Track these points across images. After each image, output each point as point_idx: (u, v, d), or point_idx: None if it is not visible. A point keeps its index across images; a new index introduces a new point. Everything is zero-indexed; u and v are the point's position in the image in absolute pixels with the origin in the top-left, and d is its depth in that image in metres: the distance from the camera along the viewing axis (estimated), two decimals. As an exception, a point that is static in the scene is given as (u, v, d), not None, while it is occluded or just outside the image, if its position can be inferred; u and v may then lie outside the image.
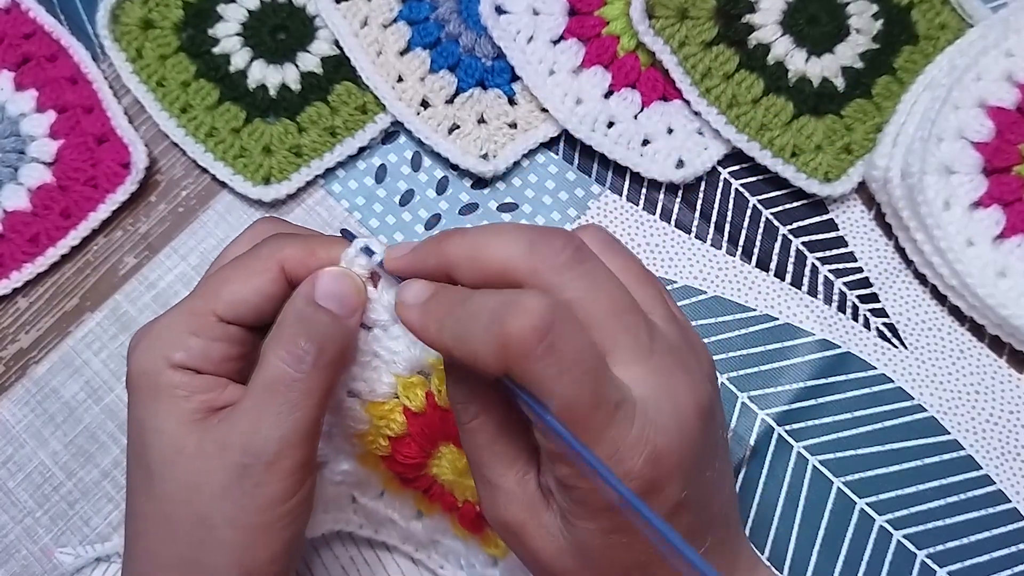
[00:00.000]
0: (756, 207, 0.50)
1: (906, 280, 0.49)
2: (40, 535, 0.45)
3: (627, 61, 0.50)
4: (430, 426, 0.37)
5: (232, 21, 0.51)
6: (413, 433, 0.38)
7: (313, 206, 0.50)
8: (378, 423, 0.38)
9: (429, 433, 0.38)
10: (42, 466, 0.46)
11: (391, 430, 0.38)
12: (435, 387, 0.37)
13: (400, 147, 0.51)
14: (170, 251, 0.49)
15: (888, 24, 0.51)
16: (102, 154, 0.49)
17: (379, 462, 0.40)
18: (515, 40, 0.50)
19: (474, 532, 0.41)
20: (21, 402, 0.47)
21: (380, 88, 0.50)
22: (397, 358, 0.37)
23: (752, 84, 0.49)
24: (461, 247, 0.31)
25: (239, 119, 0.50)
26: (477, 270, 0.30)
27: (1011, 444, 0.46)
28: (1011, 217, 0.46)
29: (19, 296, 0.49)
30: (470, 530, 0.41)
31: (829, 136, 0.49)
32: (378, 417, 0.37)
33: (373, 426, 0.38)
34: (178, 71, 0.50)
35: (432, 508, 0.42)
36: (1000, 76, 0.48)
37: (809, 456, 0.46)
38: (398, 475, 0.40)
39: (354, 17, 0.51)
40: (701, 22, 0.50)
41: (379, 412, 0.37)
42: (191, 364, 0.33)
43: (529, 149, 0.50)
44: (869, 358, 0.47)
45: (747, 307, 0.48)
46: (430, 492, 0.41)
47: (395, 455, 0.38)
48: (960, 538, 0.44)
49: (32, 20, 0.51)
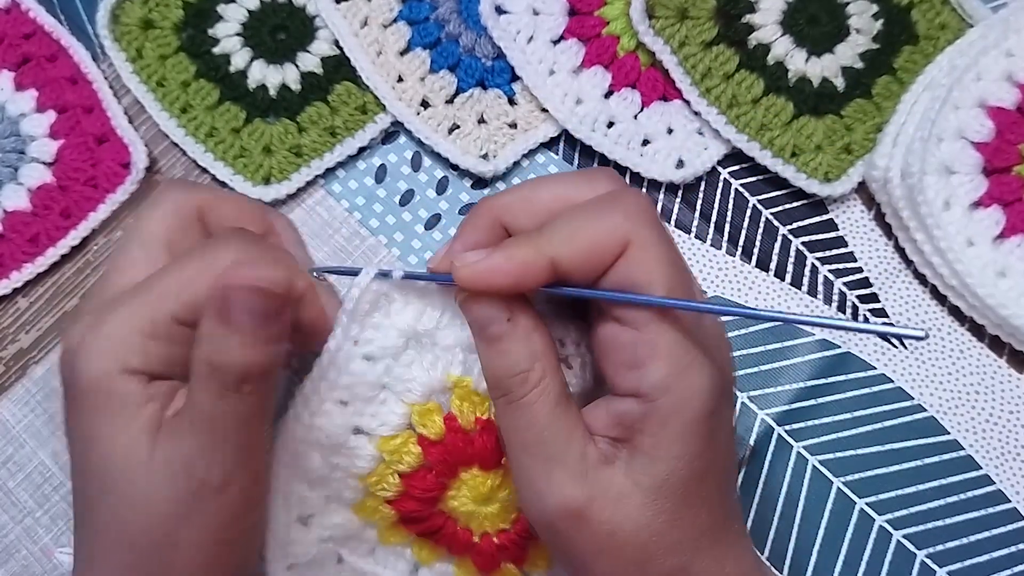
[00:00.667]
0: (756, 207, 0.50)
1: (906, 280, 0.49)
2: (40, 535, 0.45)
3: (627, 61, 0.50)
4: (452, 451, 0.36)
5: (232, 21, 0.51)
6: (432, 462, 0.36)
7: (313, 206, 0.50)
8: (390, 459, 0.36)
9: (450, 459, 0.36)
10: (42, 466, 0.46)
11: (405, 464, 0.36)
12: (456, 408, 0.35)
13: (400, 147, 0.51)
14: (170, 251, 0.49)
15: (888, 24, 0.51)
16: (102, 154, 0.49)
17: (378, 508, 0.37)
18: (515, 40, 0.50)
19: (488, 570, 0.39)
20: (21, 402, 0.47)
21: (380, 88, 0.50)
22: (412, 384, 0.35)
23: (752, 84, 0.49)
24: (511, 196, 0.32)
25: (239, 119, 0.50)
26: (531, 209, 0.32)
27: (1011, 444, 0.46)
28: (1011, 217, 0.46)
29: (19, 296, 0.49)
30: (485, 569, 0.38)
31: (829, 136, 0.49)
32: (390, 452, 0.36)
33: (383, 464, 0.36)
34: (178, 71, 0.50)
35: (434, 555, 0.39)
36: (1000, 76, 0.48)
37: (809, 456, 0.46)
38: (406, 516, 0.37)
39: (354, 17, 0.51)
40: (701, 22, 0.50)
41: (390, 447, 0.36)
42: (147, 369, 0.31)
43: (529, 149, 0.50)
44: (869, 358, 0.47)
45: (747, 307, 0.48)
46: (438, 534, 0.38)
47: (409, 490, 0.36)
48: (960, 538, 0.44)
49: (32, 20, 0.51)
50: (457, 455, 0.36)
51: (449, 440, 0.36)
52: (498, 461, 0.36)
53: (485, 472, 0.36)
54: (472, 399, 0.35)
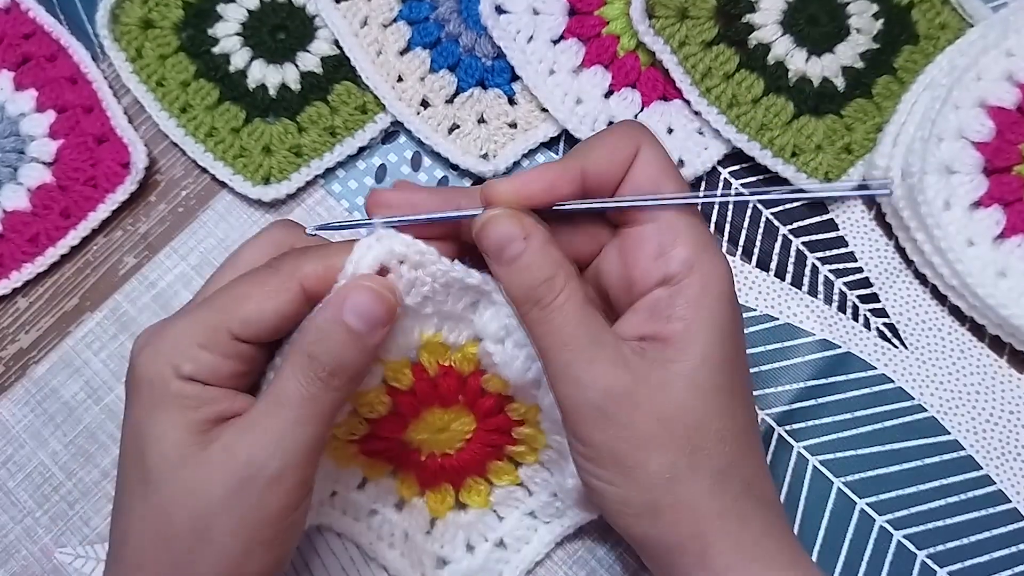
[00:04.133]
0: (756, 207, 0.50)
1: (906, 280, 0.49)
2: (40, 535, 0.45)
3: (627, 61, 0.50)
4: (422, 393, 0.39)
5: (232, 21, 0.51)
6: (399, 408, 0.39)
7: (313, 206, 0.50)
8: (360, 409, 0.38)
9: (418, 402, 0.39)
10: (42, 466, 0.46)
11: (375, 413, 0.39)
12: (424, 360, 0.38)
13: (400, 147, 0.51)
14: (170, 251, 0.49)
15: (888, 24, 0.51)
16: (102, 154, 0.49)
17: (336, 441, 0.40)
18: (515, 40, 0.50)
19: (427, 486, 0.43)
20: (21, 402, 0.47)
21: (380, 88, 0.50)
22: (390, 345, 0.37)
23: (752, 84, 0.49)
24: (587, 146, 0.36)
25: (239, 119, 0.50)
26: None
27: (1011, 444, 0.46)
28: (1011, 217, 0.46)
29: (19, 296, 0.49)
30: (424, 484, 0.43)
31: (829, 136, 0.49)
32: (361, 404, 0.38)
33: (351, 413, 0.39)
34: (178, 71, 0.50)
35: (381, 471, 0.42)
36: (1000, 76, 0.48)
37: (809, 456, 0.46)
38: (366, 452, 0.41)
39: (354, 17, 0.51)
40: (701, 22, 0.50)
41: (363, 400, 0.38)
42: (199, 377, 0.33)
43: (529, 149, 0.50)
44: (869, 358, 0.47)
45: (747, 307, 0.48)
46: (387, 452, 0.42)
47: (376, 432, 0.40)
48: (960, 538, 0.44)
49: (32, 20, 0.51)
50: (423, 399, 0.39)
51: (419, 385, 0.38)
52: (456, 398, 0.40)
53: (444, 408, 0.40)
54: (438, 349, 0.38)
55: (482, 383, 0.39)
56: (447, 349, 0.38)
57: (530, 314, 0.34)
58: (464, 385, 0.39)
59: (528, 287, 0.33)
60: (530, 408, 0.40)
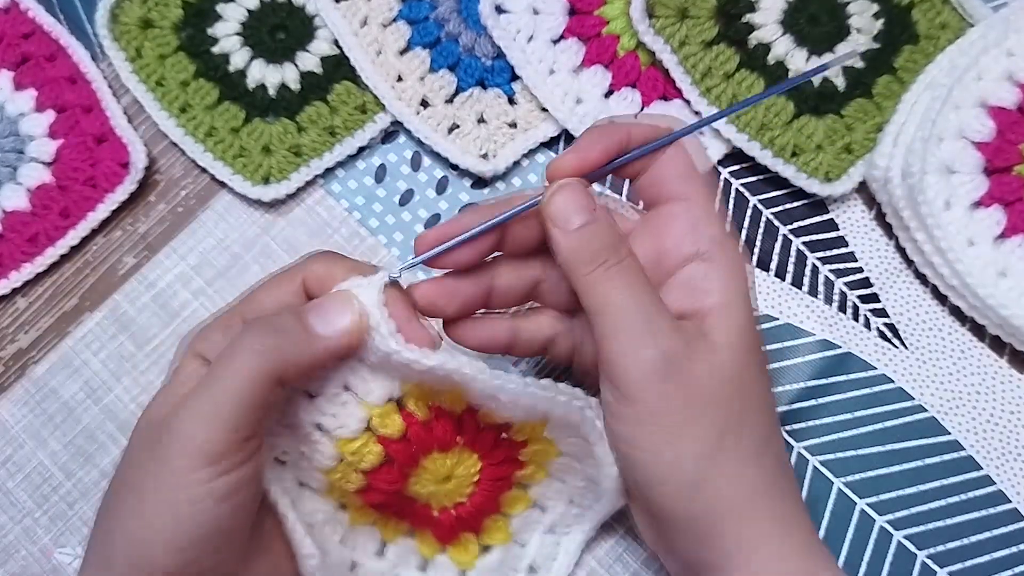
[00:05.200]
0: (756, 207, 0.50)
1: (907, 280, 0.49)
2: (39, 535, 0.45)
3: (627, 61, 0.50)
4: (416, 440, 0.37)
5: (231, 21, 0.51)
6: (394, 457, 0.37)
7: (313, 206, 0.50)
8: (351, 459, 0.37)
9: (413, 451, 0.37)
10: (41, 466, 0.46)
11: (367, 463, 0.37)
12: (411, 406, 0.36)
13: (400, 147, 0.51)
14: (169, 251, 0.49)
15: (889, 24, 0.51)
16: (101, 154, 0.49)
17: (345, 494, 0.38)
18: (515, 39, 0.50)
19: (447, 542, 0.41)
20: (20, 402, 0.47)
21: (380, 88, 0.50)
22: (373, 386, 0.36)
23: (752, 84, 0.49)
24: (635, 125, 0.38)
25: (238, 119, 0.50)
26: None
27: (1012, 444, 0.46)
28: (1012, 217, 0.46)
29: (18, 296, 0.48)
30: (444, 540, 0.41)
31: (829, 136, 0.49)
32: (351, 453, 0.36)
33: (344, 463, 0.37)
34: (177, 71, 0.50)
35: (397, 532, 0.41)
36: (1001, 76, 0.48)
37: (809, 456, 0.46)
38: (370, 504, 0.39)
39: (354, 16, 0.51)
40: (701, 21, 0.50)
41: (351, 448, 0.36)
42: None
43: (529, 149, 0.50)
44: (870, 358, 0.47)
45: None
46: (400, 512, 0.40)
47: (373, 484, 0.37)
48: (961, 539, 0.44)
49: (31, 20, 0.51)
50: (420, 445, 0.37)
51: (413, 432, 0.37)
52: (454, 440, 0.38)
53: (444, 453, 0.38)
54: (424, 391, 0.36)
55: (479, 419, 0.38)
56: (433, 390, 0.36)
57: (593, 273, 0.35)
58: (461, 425, 0.38)
59: (596, 249, 0.35)
60: (535, 425, 0.38)
